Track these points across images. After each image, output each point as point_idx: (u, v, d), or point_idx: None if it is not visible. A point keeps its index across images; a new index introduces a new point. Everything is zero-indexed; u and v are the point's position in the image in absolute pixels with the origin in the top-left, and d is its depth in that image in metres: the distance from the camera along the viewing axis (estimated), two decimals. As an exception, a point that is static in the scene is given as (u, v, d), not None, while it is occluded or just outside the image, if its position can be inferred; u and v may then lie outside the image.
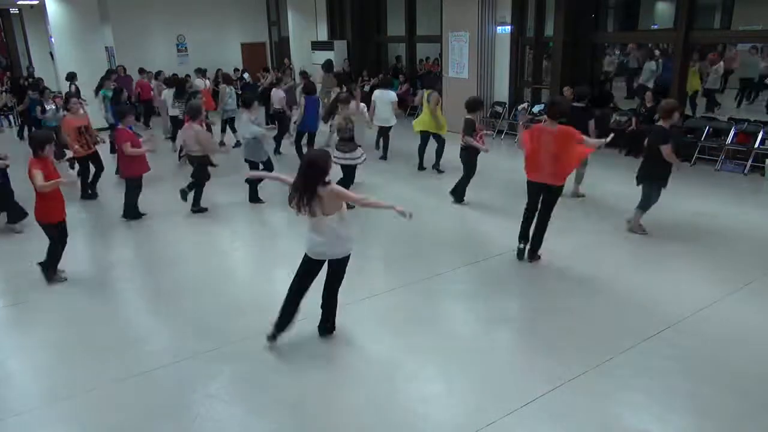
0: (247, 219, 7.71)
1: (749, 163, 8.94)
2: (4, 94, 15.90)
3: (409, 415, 3.75)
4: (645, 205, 6.41)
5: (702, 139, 9.60)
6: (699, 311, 4.89)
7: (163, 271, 6.27)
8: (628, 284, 5.26)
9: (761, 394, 3.85)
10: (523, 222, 5.99)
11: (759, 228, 6.19)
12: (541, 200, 5.77)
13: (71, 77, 13.04)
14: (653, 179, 6.27)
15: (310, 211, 4.08)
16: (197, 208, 7.75)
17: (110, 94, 10.90)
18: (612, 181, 8.65)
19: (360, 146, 7.61)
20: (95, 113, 11.09)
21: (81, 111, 8.72)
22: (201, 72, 13.85)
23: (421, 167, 9.62)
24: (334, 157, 6.89)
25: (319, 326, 4.64)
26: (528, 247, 5.96)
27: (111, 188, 8.94)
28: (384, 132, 10.44)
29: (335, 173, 6.12)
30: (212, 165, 8.33)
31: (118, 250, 6.86)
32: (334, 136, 7.40)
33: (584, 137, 5.65)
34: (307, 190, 4.03)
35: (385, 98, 10.13)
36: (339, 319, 4.68)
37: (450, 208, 7.92)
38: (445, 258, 6.25)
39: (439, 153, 9.39)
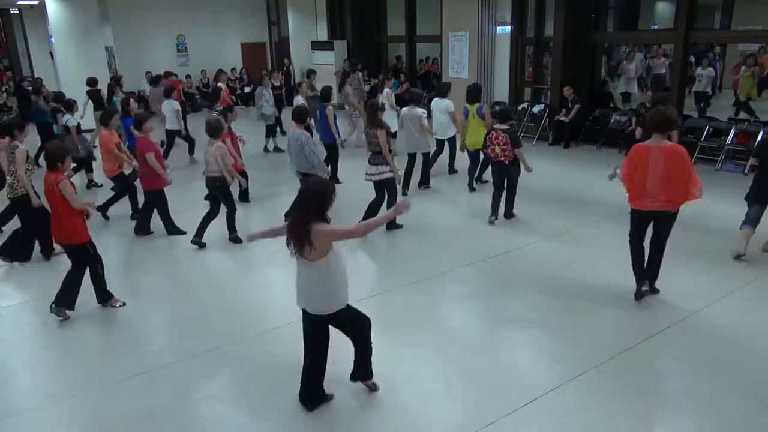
0: (248, 220, 7.71)
1: (749, 163, 8.92)
2: (4, 93, 15.91)
3: (409, 415, 3.75)
4: None
5: (702, 139, 9.59)
6: (699, 311, 4.89)
7: (163, 271, 6.27)
8: (628, 284, 5.24)
9: (762, 393, 3.85)
10: (635, 255, 5.07)
11: (758, 228, 6.18)
12: (653, 230, 4.98)
13: (93, 83, 12.35)
14: None
15: (296, 250, 3.45)
16: (234, 236, 6.81)
17: (116, 101, 10.28)
18: (612, 180, 8.64)
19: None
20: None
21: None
22: (219, 73, 13.66)
23: (472, 187, 8.55)
24: (366, 173, 6.69)
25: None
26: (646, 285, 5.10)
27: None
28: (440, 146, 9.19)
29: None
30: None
31: (118, 251, 6.86)
32: (363, 137, 6.87)
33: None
34: (298, 225, 3.41)
35: (441, 107, 8.84)
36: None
37: (450, 207, 7.92)
38: (446, 257, 6.24)
39: (483, 168, 8.52)
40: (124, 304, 5.35)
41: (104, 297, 5.34)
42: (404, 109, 8.50)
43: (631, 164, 4.78)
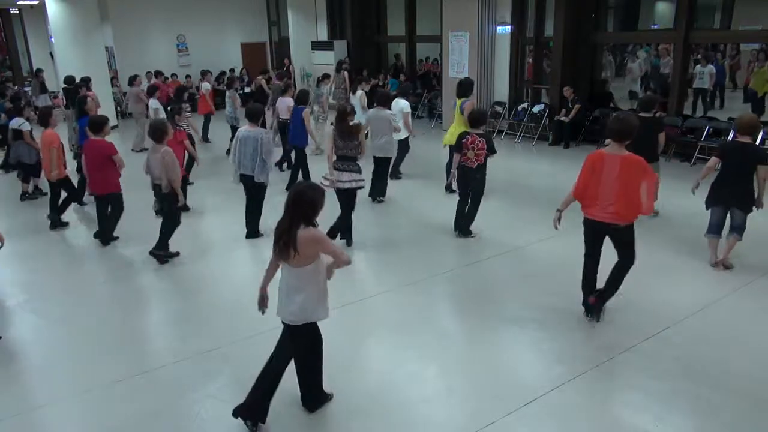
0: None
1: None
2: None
3: (410, 415, 3.75)
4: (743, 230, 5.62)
5: (702, 139, 9.59)
6: (699, 311, 4.89)
7: (162, 271, 6.27)
8: (628, 284, 5.24)
9: (761, 394, 3.85)
10: (585, 272, 4.87)
11: (758, 228, 6.18)
12: (615, 245, 4.67)
13: (70, 81, 12.05)
14: (752, 202, 5.50)
15: (280, 254, 3.34)
16: (165, 253, 6.31)
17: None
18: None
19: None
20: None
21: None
22: (204, 74, 13.66)
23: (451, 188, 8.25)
24: (338, 179, 6.23)
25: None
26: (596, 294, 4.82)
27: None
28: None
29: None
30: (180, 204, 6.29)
31: (116, 252, 6.86)
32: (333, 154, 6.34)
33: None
34: (286, 229, 3.29)
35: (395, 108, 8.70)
36: (339, 318, 4.65)
37: (449, 207, 7.91)
38: (445, 258, 6.24)
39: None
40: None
41: None
42: (371, 111, 8.08)
43: (587, 171, 4.53)
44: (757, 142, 8.93)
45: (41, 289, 5.78)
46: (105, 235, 6.86)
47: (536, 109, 11.94)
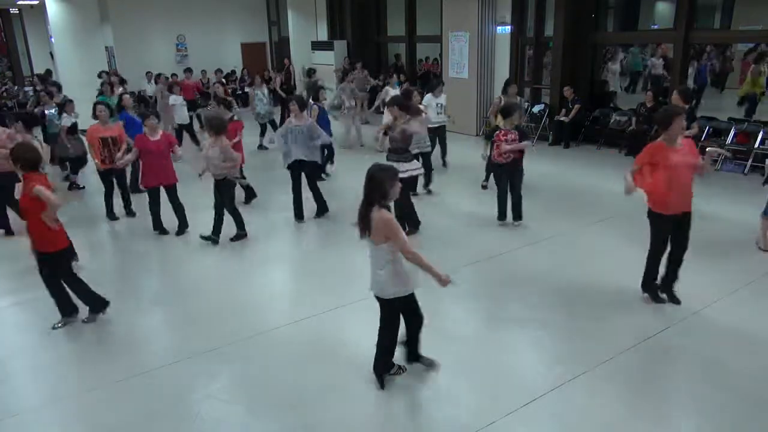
0: (248, 221, 7.70)
1: (749, 163, 8.94)
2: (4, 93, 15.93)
3: (410, 416, 3.75)
4: None
5: (702, 139, 9.58)
6: (699, 311, 4.89)
7: (162, 271, 6.27)
8: (628, 284, 5.26)
9: (761, 394, 3.84)
10: (654, 265, 5.01)
11: (758, 228, 6.19)
12: (676, 234, 4.87)
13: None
14: None
15: (360, 232, 3.70)
16: (241, 232, 6.91)
17: (114, 100, 9.82)
18: (612, 180, 8.63)
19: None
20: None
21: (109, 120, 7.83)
22: (214, 73, 13.73)
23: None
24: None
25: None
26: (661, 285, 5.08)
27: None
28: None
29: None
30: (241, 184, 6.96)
31: (117, 252, 6.86)
32: (385, 144, 6.88)
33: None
34: (362, 208, 3.65)
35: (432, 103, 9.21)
36: (340, 318, 4.66)
37: (450, 207, 7.92)
38: (447, 257, 6.22)
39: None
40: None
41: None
42: None
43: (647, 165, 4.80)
44: (758, 141, 8.98)
45: (38, 288, 5.76)
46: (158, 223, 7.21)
47: (536, 109, 11.94)
